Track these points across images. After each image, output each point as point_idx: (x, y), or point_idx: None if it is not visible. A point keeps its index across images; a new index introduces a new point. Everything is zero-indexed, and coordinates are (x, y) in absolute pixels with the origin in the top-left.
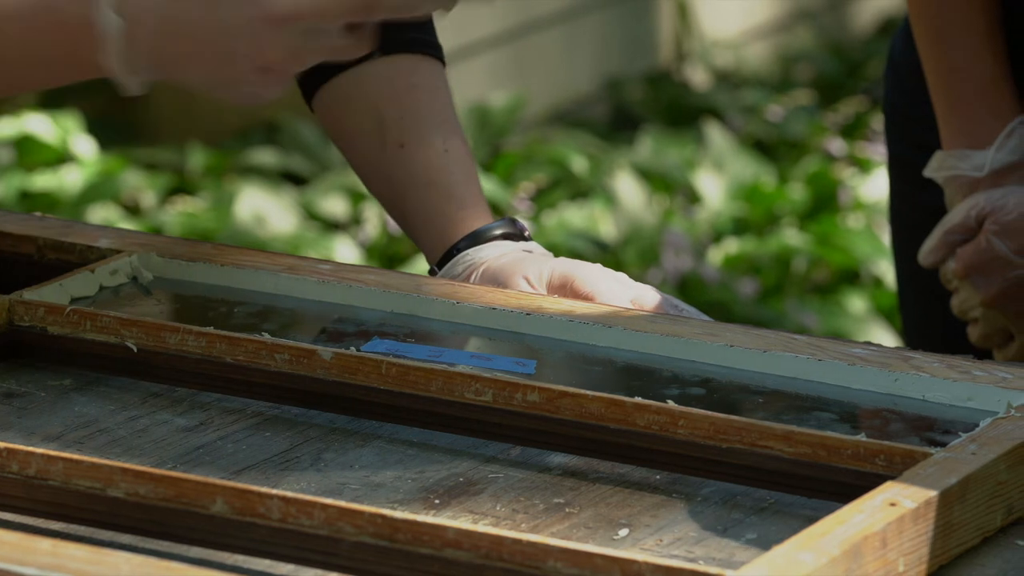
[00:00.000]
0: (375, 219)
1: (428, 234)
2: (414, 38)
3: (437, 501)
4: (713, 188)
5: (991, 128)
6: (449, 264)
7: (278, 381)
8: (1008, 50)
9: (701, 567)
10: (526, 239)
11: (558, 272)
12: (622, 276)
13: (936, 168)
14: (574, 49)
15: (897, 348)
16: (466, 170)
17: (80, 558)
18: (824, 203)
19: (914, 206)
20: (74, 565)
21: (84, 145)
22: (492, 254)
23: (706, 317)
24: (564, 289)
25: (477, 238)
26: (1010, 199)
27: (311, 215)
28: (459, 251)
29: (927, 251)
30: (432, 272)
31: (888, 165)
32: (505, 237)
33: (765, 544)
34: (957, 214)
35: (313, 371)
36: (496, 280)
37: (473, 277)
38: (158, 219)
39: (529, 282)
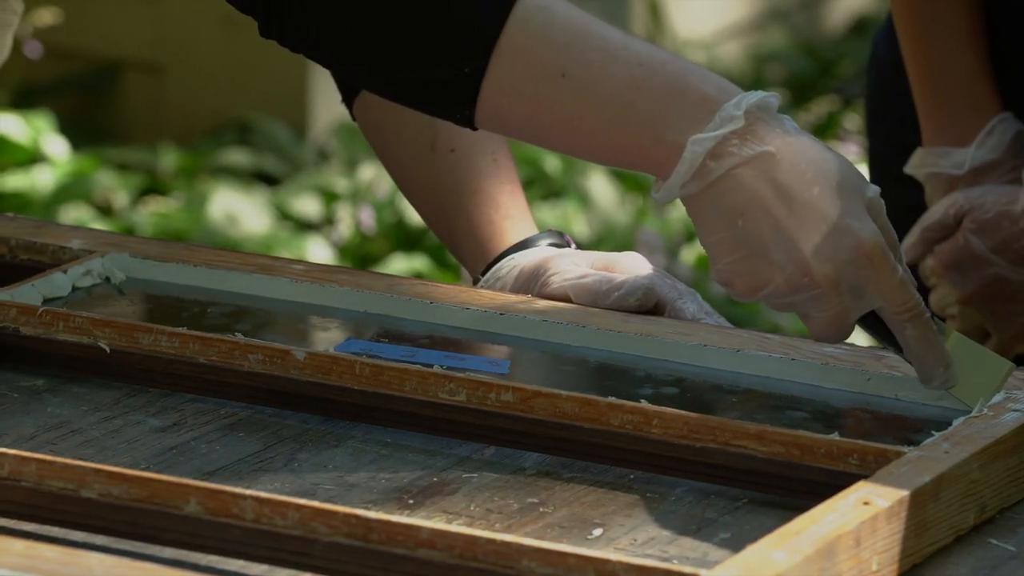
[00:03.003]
0: (348, 219)
1: (472, 242)
2: None
3: (411, 501)
4: None
5: (972, 125)
6: (492, 270)
7: (251, 381)
8: (990, 48)
9: (675, 566)
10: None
11: (601, 258)
12: (663, 272)
13: (916, 165)
14: None
15: (870, 347)
16: (512, 179)
17: (53, 559)
18: None
19: (894, 203)
20: (47, 566)
21: (56, 145)
22: (533, 255)
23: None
24: (607, 271)
25: (524, 244)
26: (988, 197)
27: (284, 215)
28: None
29: (905, 248)
30: (475, 281)
31: (868, 162)
32: (552, 246)
33: (739, 543)
34: (936, 212)
35: (287, 371)
36: (535, 273)
37: (509, 277)
38: (130, 219)
39: (576, 265)
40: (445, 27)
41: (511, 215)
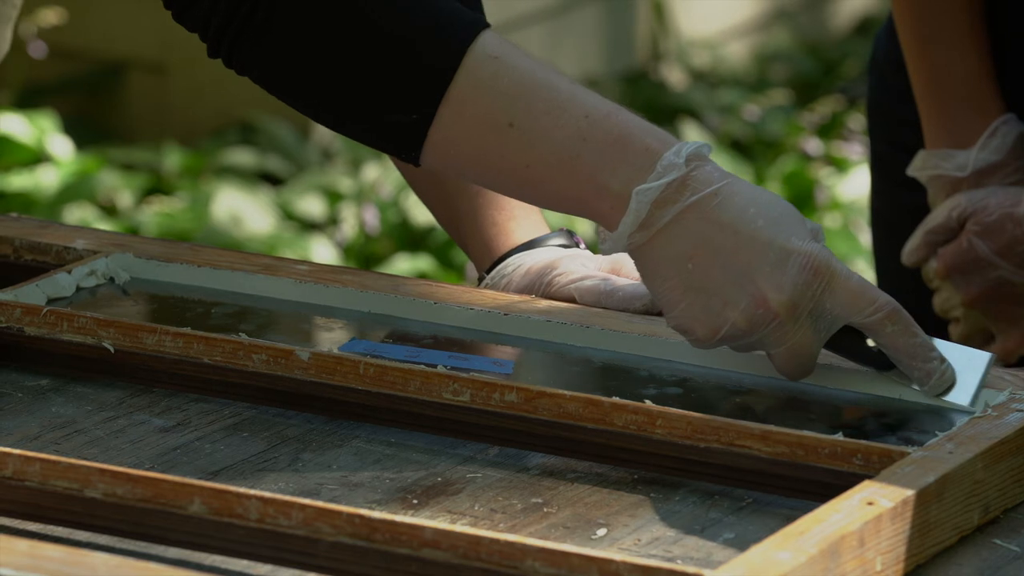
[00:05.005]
0: (352, 219)
1: (477, 242)
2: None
3: (415, 501)
4: None
5: (974, 127)
6: (497, 269)
7: (256, 381)
8: (992, 49)
9: (679, 567)
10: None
11: (608, 261)
12: None
13: (919, 167)
14: (552, 50)
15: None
16: None
17: (57, 559)
18: (801, 202)
19: (896, 205)
20: (51, 566)
21: (60, 145)
22: (539, 255)
23: None
24: (615, 272)
25: (532, 245)
26: (992, 200)
27: (288, 215)
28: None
29: (909, 251)
30: (480, 279)
31: (870, 164)
32: (561, 247)
33: (743, 543)
34: (939, 214)
35: (291, 371)
36: (542, 273)
37: (516, 274)
38: (135, 219)
39: (584, 266)
40: (395, 76)
41: (516, 216)
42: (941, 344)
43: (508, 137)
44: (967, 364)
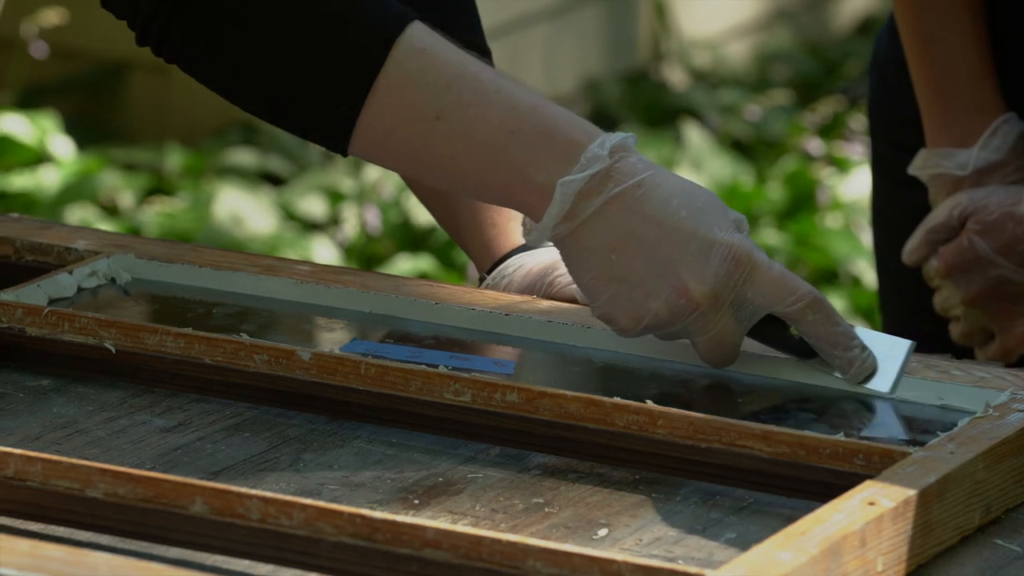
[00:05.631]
0: (353, 219)
1: (477, 243)
2: (465, 41)
3: (416, 501)
4: None
5: (976, 126)
6: (498, 269)
7: (257, 382)
8: (993, 48)
9: (680, 567)
10: None
11: None
12: None
13: (920, 166)
14: (553, 50)
15: None
16: None
17: (58, 558)
18: (802, 203)
19: (897, 205)
20: (52, 566)
21: (61, 145)
22: (540, 255)
23: None
24: None
25: (531, 248)
26: (992, 199)
27: (289, 215)
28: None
29: (910, 249)
30: (480, 280)
31: (871, 163)
32: None
33: (744, 544)
34: (940, 213)
35: (292, 372)
36: (543, 274)
37: (517, 275)
38: (136, 219)
39: None
40: (322, 68)
41: (516, 216)
42: (862, 332)
43: (435, 129)
44: (888, 352)
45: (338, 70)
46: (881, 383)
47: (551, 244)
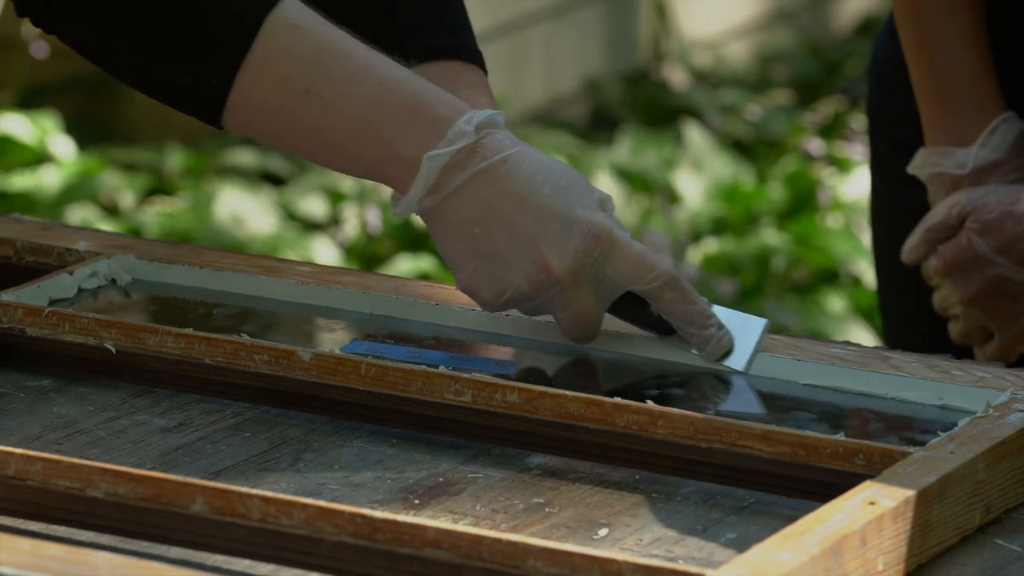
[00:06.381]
0: (354, 219)
1: None
2: (452, 44)
3: (417, 501)
4: (692, 188)
5: (975, 125)
6: None
7: (257, 382)
8: (992, 47)
9: (681, 566)
10: None
11: None
12: None
13: (919, 165)
14: (553, 50)
15: (876, 348)
16: None
17: (59, 557)
18: (803, 203)
19: (896, 204)
20: (53, 564)
21: (62, 145)
22: None
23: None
24: None
25: None
26: (991, 197)
27: (290, 215)
28: None
29: (909, 248)
30: None
31: (870, 163)
32: None
33: (744, 544)
34: (939, 212)
35: (292, 372)
36: None
37: None
38: (137, 219)
39: None
40: (196, 41)
41: None
42: (719, 310)
43: (305, 103)
44: (744, 330)
45: (211, 43)
46: (737, 360)
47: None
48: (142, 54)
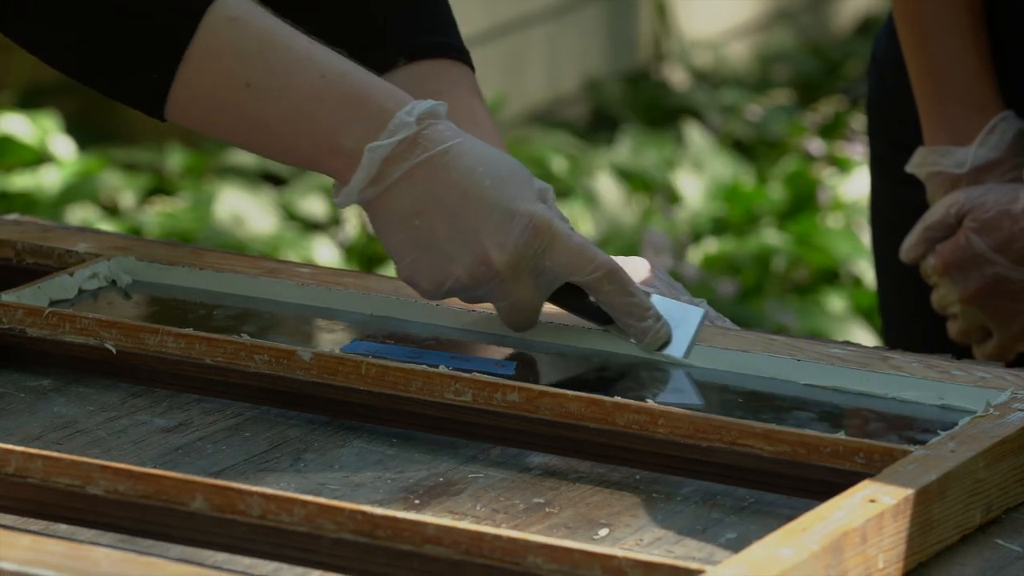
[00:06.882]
0: (354, 219)
1: None
2: (439, 42)
3: (417, 501)
4: (692, 188)
5: (973, 124)
6: None
7: (258, 382)
8: (993, 48)
9: (681, 563)
10: None
11: None
12: (669, 279)
13: (918, 164)
14: (554, 50)
15: (876, 348)
16: None
17: (60, 553)
18: (803, 203)
19: (895, 204)
20: (54, 560)
21: (62, 145)
22: None
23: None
24: None
25: None
26: (989, 196)
27: (290, 215)
28: None
29: (907, 247)
30: None
31: (870, 163)
32: None
33: (745, 544)
34: (937, 211)
35: (293, 372)
36: None
37: None
38: (137, 219)
39: None
40: (137, 35)
41: None
42: (658, 300)
43: (247, 96)
44: (682, 320)
45: (152, 36)
46: (675, 349)
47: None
48: (87, 48)
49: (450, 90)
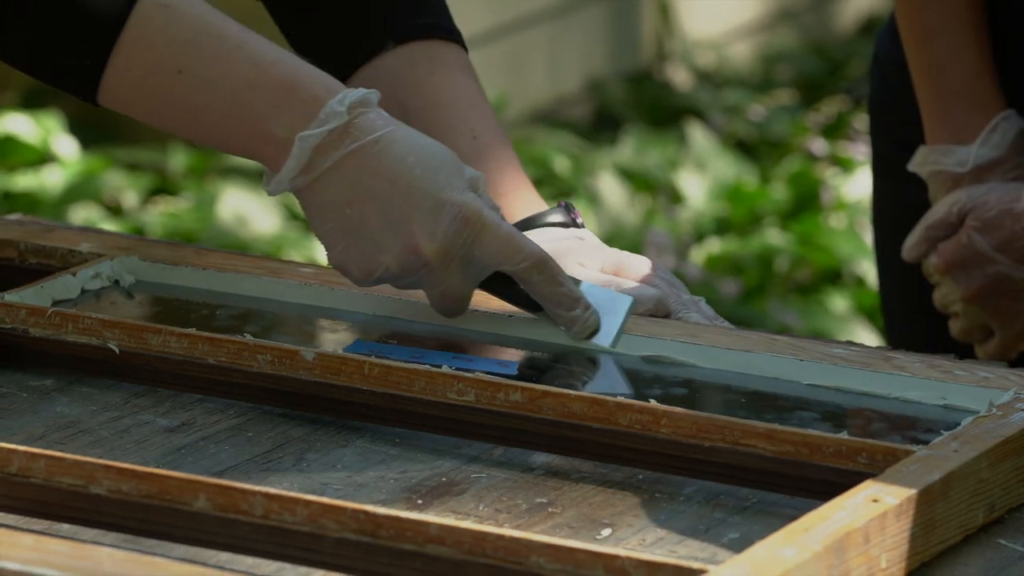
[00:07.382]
0: None
1: None
2: (431, 23)
3: (420, 501)
4: (695, 188)
5: (975, 123)
6: None
7: (260, 382)
8: (994, 47)
9: (683, 562)
10: (579, 226)
11: (611, 260)
12: (671, 277)
13: (920, 163)
14: (557, 50)
15: (879, 348)
16: (499, 155)
17: (63, 552)
18: (806, 203)
19: (897, 203)
20: (57, 559)
21: (66, 145)
22: (543, 239)
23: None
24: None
25: (529, 225)
26: (991, 195)
27: (293, 215)
28: None
29: (909, 246)
30: None
31: (872, 162)
32: (559, 225)
33: (747, 544)
34: (939, 210)
35: (295, 372)
36: None
37: None
38: (140, 219)
39: (584, 267)
40: (69, 22)
41: (501, 192)
42: (588, 288)
43: (179, 83)
44: (610, 308)
45: (83, 24)
46: (603, 338)
47: (561, 237)
48: (23, 35)
49: (443, 71)
